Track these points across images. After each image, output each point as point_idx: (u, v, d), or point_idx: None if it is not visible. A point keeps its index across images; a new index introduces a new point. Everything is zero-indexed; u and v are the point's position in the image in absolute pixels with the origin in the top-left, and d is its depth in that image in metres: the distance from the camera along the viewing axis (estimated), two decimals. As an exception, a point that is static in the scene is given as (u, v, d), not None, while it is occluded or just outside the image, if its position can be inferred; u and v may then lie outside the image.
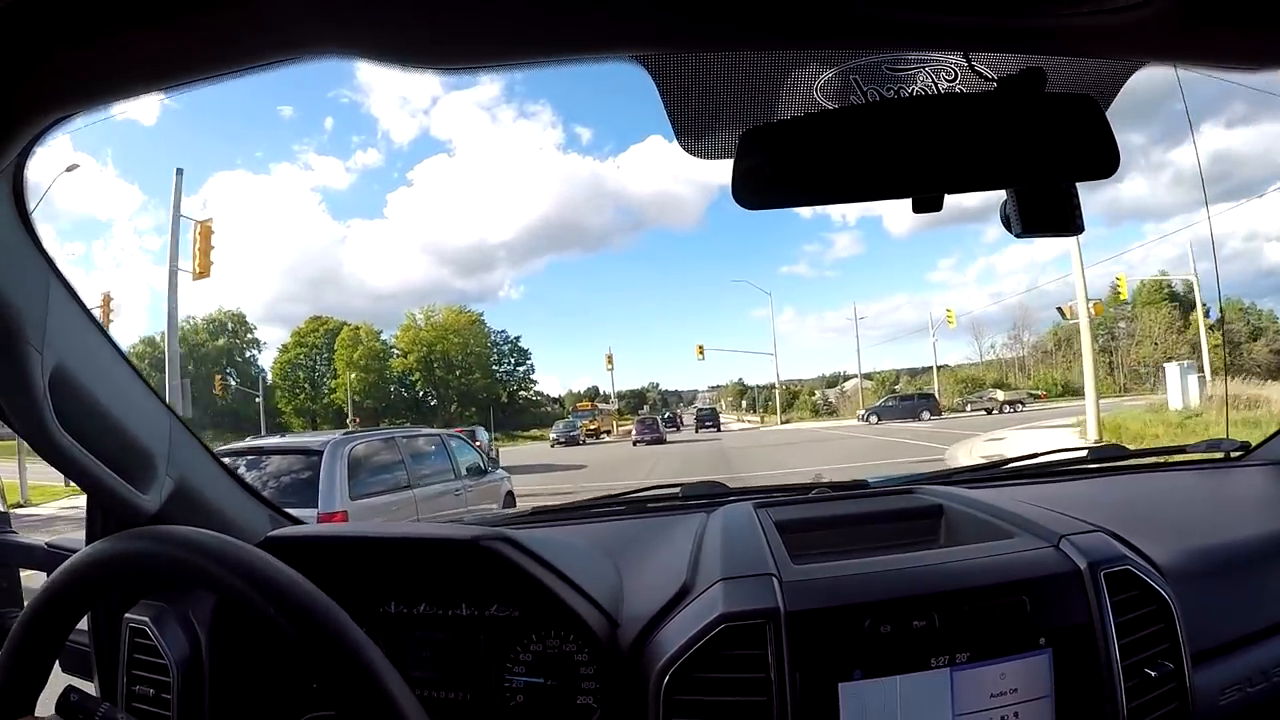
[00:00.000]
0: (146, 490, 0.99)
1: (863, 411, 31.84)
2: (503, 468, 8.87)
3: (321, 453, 5.18)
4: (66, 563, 0.62)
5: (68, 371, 0.90)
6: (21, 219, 0.86)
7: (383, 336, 49.86)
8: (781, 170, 0.77)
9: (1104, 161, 0.82)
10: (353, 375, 46.46)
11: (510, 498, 8.00)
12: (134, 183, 65.68)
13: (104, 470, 0.94)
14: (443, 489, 6.58)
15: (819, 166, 0.78)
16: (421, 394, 50.07)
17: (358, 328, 49.13)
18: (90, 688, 1.12)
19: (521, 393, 54.90)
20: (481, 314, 54.03)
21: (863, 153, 0.79)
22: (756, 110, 0.81)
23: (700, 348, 32.55)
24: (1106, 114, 0.83)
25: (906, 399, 32.75)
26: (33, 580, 1.19)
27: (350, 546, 0.96)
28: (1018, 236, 0.88)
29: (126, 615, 1.05)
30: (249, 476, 5.79)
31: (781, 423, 39.46)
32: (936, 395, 33.11)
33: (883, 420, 29.18)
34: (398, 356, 49.22)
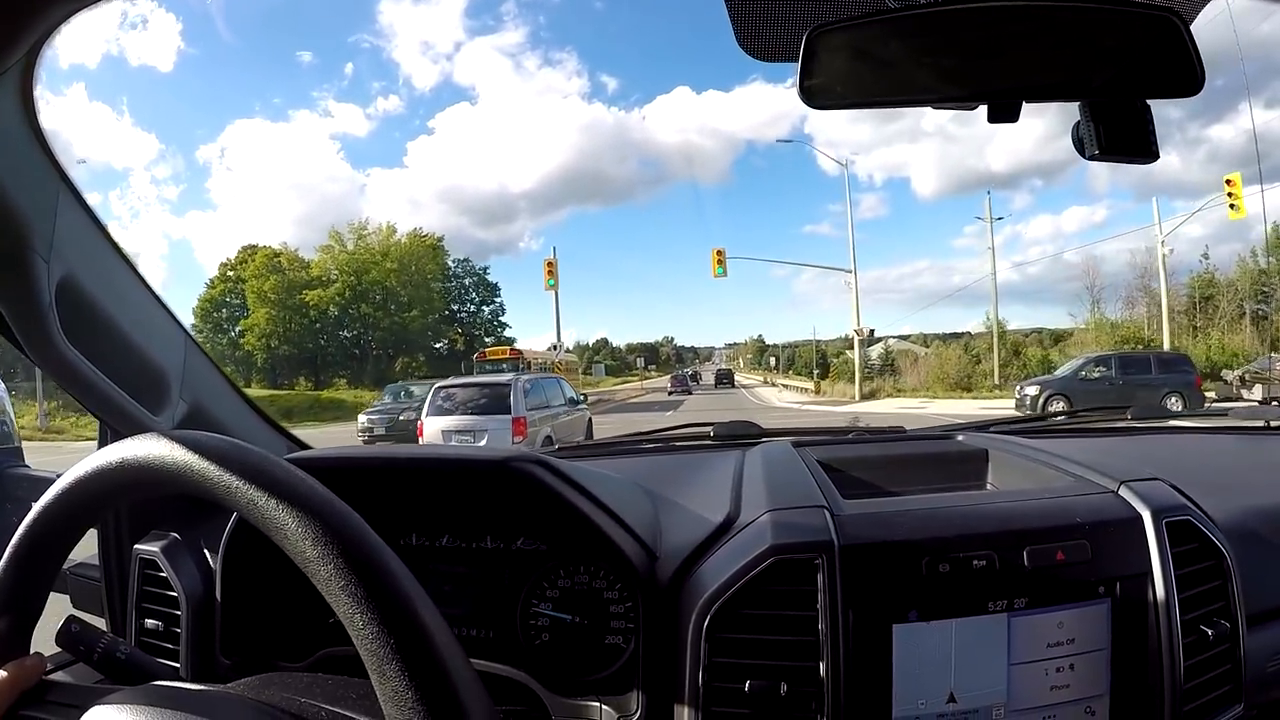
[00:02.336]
0: (159, 412, 0.96)
1: (1031, 389, 16.18)
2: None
3: (510, 384, 9.45)
4: (64, 475, 0.55)
5: (76, 284, 0.86)
6: (30, 122, 0.81)
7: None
8: (851, 70, 0.72)
9: (1186, 79, 0.78)
10: (263, 313, 36.04)
11: (590, 425, 11.67)
12: (151, 131, 65.03)
13: (113, 388, 0.90)
14: (561, 410, 10.60)
15: (889, 68, 0.73)
16: (351, 335, 39.59)
17: (278, 253, 38.40)
18: (101, 623, 1.09)
19: (489, 339, 42.50)
20: (441, 239, 43.45)
21: (936, 55, 0.74)
22: (823, 9, 0.76)
23: (719, 255, 22.08)
24: (1190, 31, 0.78)
25: (1133, 365, 15.78)
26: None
27: (374, 470, 0.91)
28: (1091, 159, 0.82)
29: (136, 547, 1.02)
30: (458, 396, 9.85)
31: (862, 397, 25.22)
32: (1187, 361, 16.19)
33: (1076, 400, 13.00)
34: (315, 288, 37.17)
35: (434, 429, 9.38)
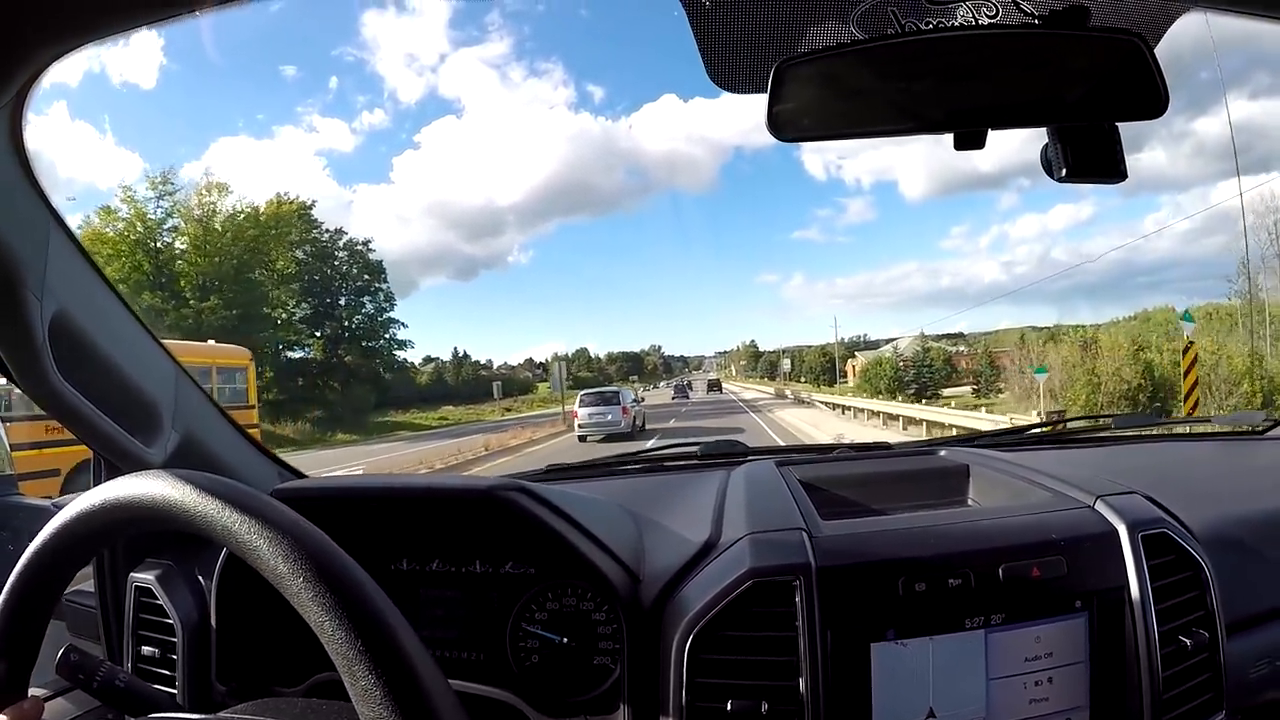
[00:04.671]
0: (152, 443, 0.97)
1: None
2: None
3: (617, 390, 19.82)
4: (60, 512, 0.57)
5: (69, 319, 0.87)
6: (20, 160, 0.83)
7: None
8: (818, 102, 0.74)
9: (1151, 101, 0.79)
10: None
11: (643, 418, 20.04)
12: (134, 150, 64.70)
13: (107, 422, 0.91)
14: (631, 403, 19.00)
15: (857, 98, 0.75)
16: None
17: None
18: (98, 650, 1.10)
19: (370, 343, 34.03)
20: (312, 204, 33.54)
21: (902, 86, 0.76)
22: (791, 41, 0.77)
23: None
24: (1154, 54, 0.80)
25: None
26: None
27: (362, 499, 0.93)
28: (1060, 181, 0.84)
29: (132, 575, 1.03)
30: (591, 398, 18.86)
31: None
32: None
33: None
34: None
35: (583, 414, 18.10)
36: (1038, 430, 1.49)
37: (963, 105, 0.77)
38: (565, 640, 0.90)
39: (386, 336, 35.99)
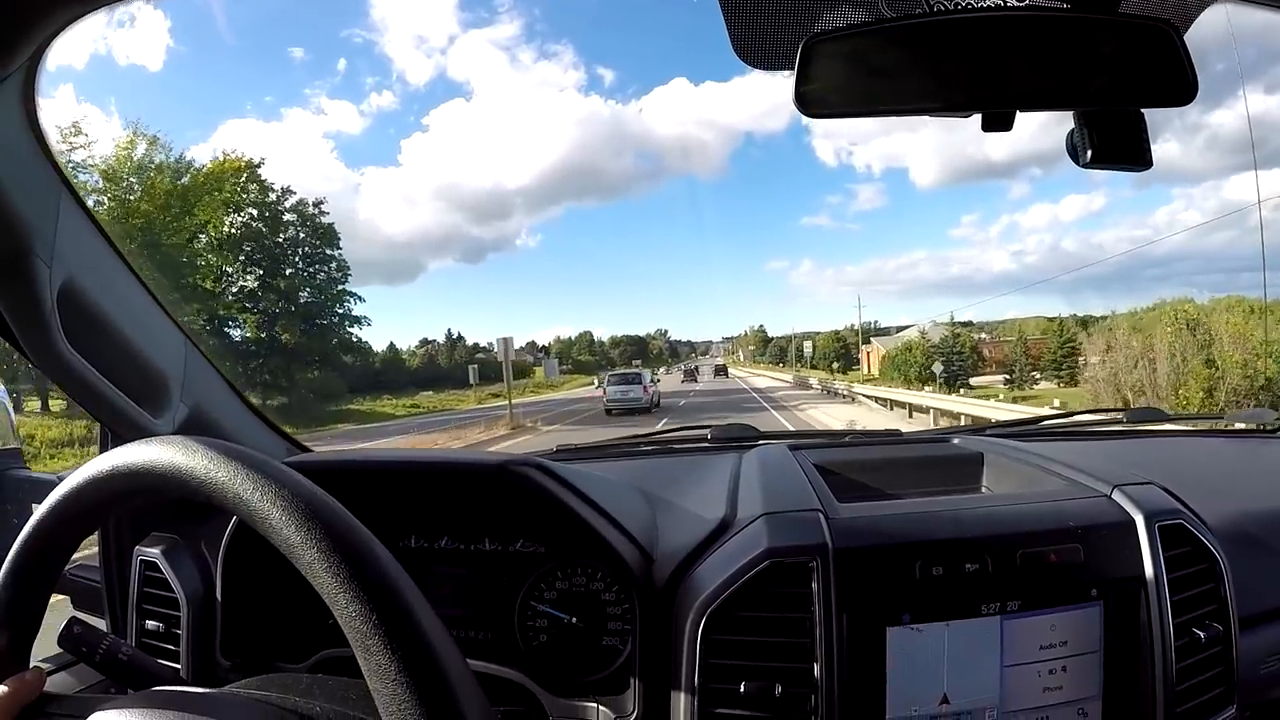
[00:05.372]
0: (160, 415, 0.96)
1: None
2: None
3: (639, 372, 23.73)
4: (66, 479, 0.56)
5: (77, 288, 0.86)
6: (32, 127, 0.82)
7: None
8: (846, 80, 0.73)
9: (1180, 88, 0.78)
10: None
11: (659, 396, 23.23)
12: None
13: (114, 392, 0.91)
14: (650, 382, 22.47)
15: (885, 77, 0.74)
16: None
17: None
18: (102, 625, 1.10)
19: (322, 321, 29.71)
20: (260, 161, 28.89)
21: (930, 66, 0.75)
22: (819, 18, 0.76)
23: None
24: (1184, 41, 0.79)
25: None
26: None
27: (374, 473, 0.92)
28: (1085, 167, 0.83)
29: (137, 548, 1.02)
30: (616, 378, 22.92)
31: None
32: None
33: None
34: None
35: (611, 391, 20.77)
36: (1050, 421, 1.48)
37: (991, 87, 0.76)
38: (574, 620, 0.89)
39: (340, 313, 30.94)
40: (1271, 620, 0.94)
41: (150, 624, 0.99)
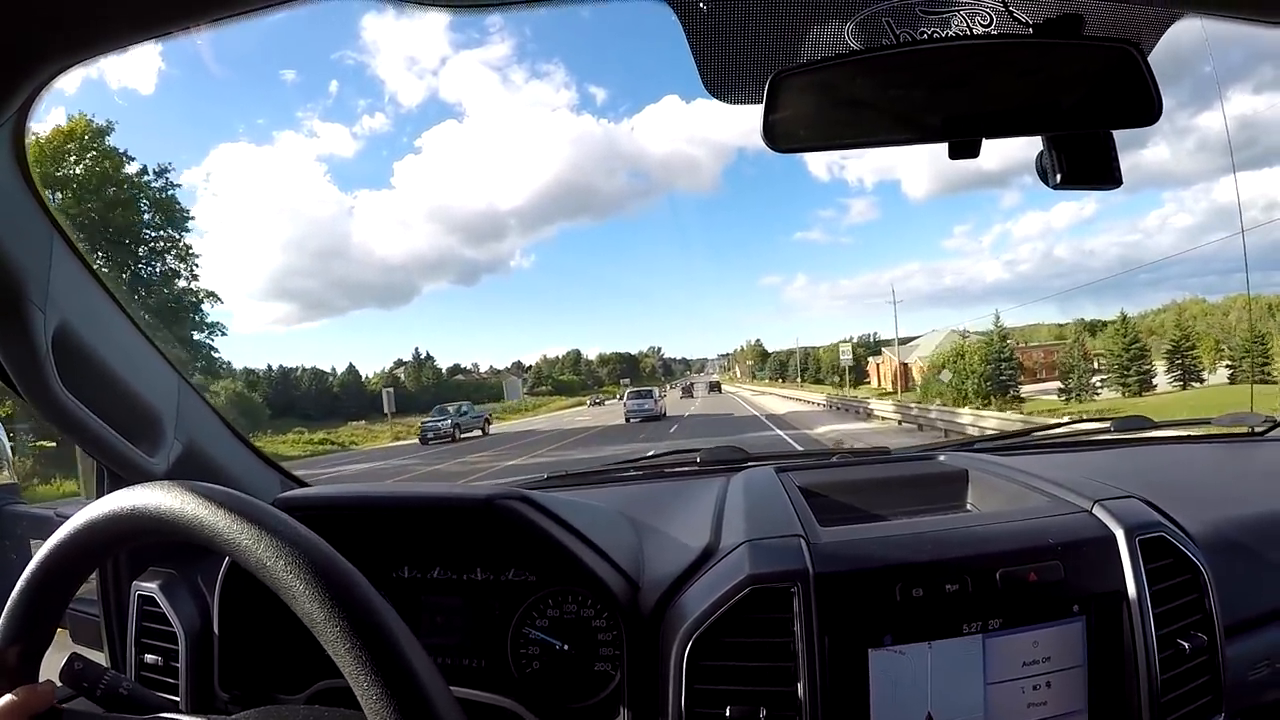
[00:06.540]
0: (154, 453, 0.97)
1: None
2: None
3: (651, 390, 33.69)
4: (66, 523, 0.58)
5: (71, 331, 0.88)
6: (23, 174, 0.83)
7: None
8: (814, 113, 0.74)
9: (1144, 108, 0.80)
10: None
11: (665, 408, 31.60)
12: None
13: (109, 432, 0.92)
14: (660, 396, 33.41)
15: (853, 109, 0.75)
16: None
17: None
18: (101, 659, 1.11)
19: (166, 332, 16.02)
20: (108, 126, 22.14)
21: (897, 96, 0.76)
22: (787, 52, 0.78)
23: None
24: (1148, 61, 0.80)
25: None
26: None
27: (363, 509, 0.93)
28: (1055, 189, 0.84)
29: (135, 583, 1.04)
30: (633, 395, 32.71)
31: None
32: None
33: None
34: None
35: (630, 404, 29.32)
36: (1038, 434, 1.49)
37: (957, 114, 0.78)
38: (566, 647, 0.90)
39: (194, 318, 23.30)
40: (1259, 626, 0.94)
41: (149, 658, 1.00)
